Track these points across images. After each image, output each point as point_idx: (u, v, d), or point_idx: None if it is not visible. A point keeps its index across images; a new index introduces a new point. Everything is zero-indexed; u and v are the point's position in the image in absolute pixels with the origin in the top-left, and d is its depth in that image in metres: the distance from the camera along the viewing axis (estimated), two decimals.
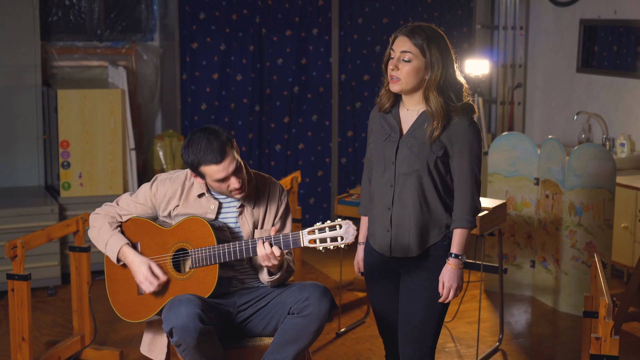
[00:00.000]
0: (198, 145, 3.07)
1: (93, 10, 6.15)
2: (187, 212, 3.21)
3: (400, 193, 2.97)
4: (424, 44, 2.89)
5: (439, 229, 2.98)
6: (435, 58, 2.90)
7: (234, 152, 3.09)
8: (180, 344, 2.95)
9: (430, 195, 2.95)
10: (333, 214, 6.62)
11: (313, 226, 2.98)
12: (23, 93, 5.76)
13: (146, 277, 3.13)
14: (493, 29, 7.06)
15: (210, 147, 3.05)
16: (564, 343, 4.64)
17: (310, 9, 6.38)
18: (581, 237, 4.95)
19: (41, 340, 4.52)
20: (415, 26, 2.93)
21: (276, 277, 3.14)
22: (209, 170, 3.07)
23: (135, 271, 3.16)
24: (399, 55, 2.92)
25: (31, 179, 5.86)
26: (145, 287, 3.14)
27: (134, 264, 3.16)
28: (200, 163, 3.07)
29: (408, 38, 2.90)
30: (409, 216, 2.96)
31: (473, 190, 2.96)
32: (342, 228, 2.95)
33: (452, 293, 2.96)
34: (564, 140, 6.32)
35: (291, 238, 3.00)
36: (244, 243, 3.07)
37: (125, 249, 3.19)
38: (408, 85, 2.94)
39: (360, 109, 6.64)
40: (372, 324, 4.80)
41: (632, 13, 5.94)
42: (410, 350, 3.05)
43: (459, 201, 2.97)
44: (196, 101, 6.18)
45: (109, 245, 3.21)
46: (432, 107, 2.91)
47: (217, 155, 3.05)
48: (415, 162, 2.93)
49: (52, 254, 5.26)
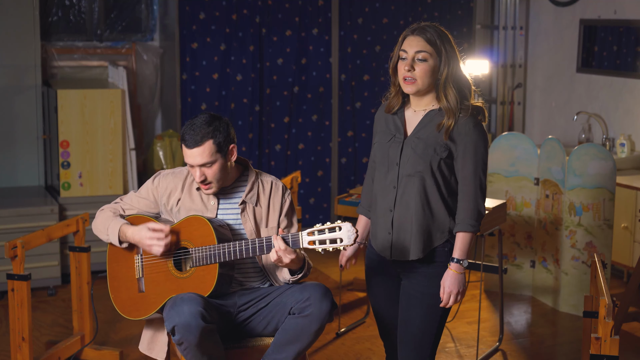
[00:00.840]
0: (191, 123, 3.12)
1: (93, 10, 6.15)
2: (189, 207, 3.21)
3: (402, 195, 2.94)
4: (437, 41, 2.87)
5: (442, 233, 2.95)
6: (449, 54, 2.88)
7: (211, 149, 3.08)
8: (182, 342, 2.95)
9: (433, 197, 2.92)
10: (333, 214, 6.62)
11: (313, 227, 2.98)
12: (23, 93, 5.76)
13: (151, 237, 3.09)
14: (493, 29, 7.06)
15: (194, 131, 3.09)
16: (564, 343, 4.64)
17: (310, 9, 6.38)
18: (581, 237, 4.95)
19: (41, 340, 4.52)
20: (424, 25, 2.90)
21: (300, 276, 3.14)
22: (183, 148, 3.13)
23: (139, 240, 3.13)
24: (413, 55, 2.87)
25: (31, 179, 5.86)
26: (156, 250, 3.10)
27: (134, 234, 3.14)
28: (182, 139, 3.13)
29: (421, 37, 2.87)
30: (411, 218, 2.93)
31: (477, 194, 2.91)
32: (341, 230, 2.94)
33: (452, 298, 2.92)
34: (564, 140, 6.33)
35: (291, 239, 3.00)
36: (244, 243, 3.07)
37: (124, 227, 3.19)
38: (424, 86, 2.90)
39: (360, 109, 6.64)
40: (372, 324, 4.80)
41: (632, 13, 5.94)
42: (410, 356, 3.03)
43: (463, 204, 2.92)
44: (196, 101, 6.18)
45: (110, 229, 3.21)
46: (450, 103, 2.88)
47: (192, 142, 3.08)
48: (418, 163, 2.90)
49: (52, 254, 5.26)
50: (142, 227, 3.14)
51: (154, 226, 3.12)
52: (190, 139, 3.09)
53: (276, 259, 3.00)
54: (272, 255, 3.01)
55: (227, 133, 3.14)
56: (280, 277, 3.22)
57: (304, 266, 3.14)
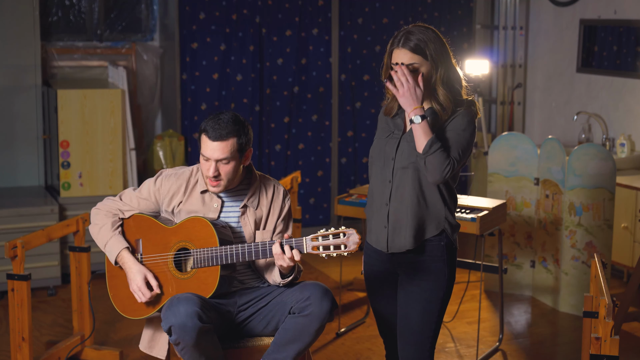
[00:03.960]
0: (218, 117, 3.10)
1: (93, 10, 6.15)
2: (190, 209, 3.21)
3: (397, 187, 2.97)
4: (422, 47, 2.89)
5: (437, 223, 2.97)
6: (436, 56, 2.90)
7: (233, 146, 3.09)
8: (178, 342, 2.96)
9: (428, 188, 2.95)
10: (333, 214, 6.62)
11: (317, 233, 2.98)
12: (23, 93, 5.77)
13: (140, 287, 3.14)
14: (493, 29, 7.06)
15: (220, 125, 3.07)
16: (564, 343, 4.64)
17: (310, 9, 6.38)
18: (581, 237, 4.95)
19: (41, 340, 4.52)
20: (406, 33, 2.91)
21: (289, 279, 3.14)
22: (203, 141, 3.11)
23: (131, 279, 3.17)
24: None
25: (31, 179, 5.86)
26: (137, 297, 3.16)
27: (131, 271, 3.17)
28: (204, 130, 3.10)
29: (406, 49, 2.89)
30: (406, 210, 2.95)
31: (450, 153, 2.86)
32: (345, 236, 2.95)
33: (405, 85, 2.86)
34: (564, 140, 6.33)
35: (294, 244, 3.00)
36: (247, 247, 3.06)
37: (124, 254, 3.19)
38: (421, 93, 2.92)
39: (360, 109, 6.64)
40: (372, 324, 4.80)
41: (632, 13, 5.94)
42: (410, 352, 3.04)
43: None
44: (196, 101, 6.18)
45: (109, 247, 3.21)
46: (442, 102, 2.92)
47: (217, 135, 3.07)
48: (412, 154, 2.93)
49: (52, 254, 5.26)
50: (140, 273, 3.16)
51: (151, 281, 3.15)
52: (214, 132, 3.07)
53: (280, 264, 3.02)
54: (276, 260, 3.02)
55: (249, 136, 3.16)
56: (270, 279, 3.23)
57: (294, 269, 3.15)
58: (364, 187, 4.73)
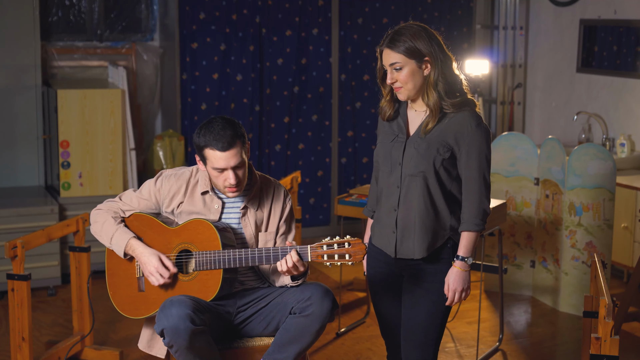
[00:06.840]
0: (212, 128, 3.06)
1: (93, 10, 6.15)
2: (190, 210, 3.20)
3: (406, 194, 2.96)
4: (406, 47, 2.88)
5: (444, 231, 2.97)
6: (425, 52, 2.89)
7: (242, 148, 3.09)
8: (172, 345, 2.95)
9: (437, 197, 2.94)
10: (333, 214, 6.62)
11: (321, 241, 2.99)
12: (23, 93, 5.77)
13: (157, 268, 3.09)
14: (493, 29, 7.06)
15: (221, 134, 3.05)
16: (564, 343, 4.64)
17: (310, 9, 6.38)
18: (581, 237, 4.95)
19: (41, 340, 4.52)
20: (394, 33, 2.92)
21: (300, 281, 3.15)
22: (212, 155, 3.07)
23: (145, 262, 3.12)
24: (389, 67, 2.93)
25: (31, 179, 5.86)
26: (154, 279, 3.10)
27: (144, 255, 3.13)
28: (207, 145, 3.06)
29: (390, 49, 2.90)
30: (415, 218, 2.94)
31: (482, 193, 2.93)
32: (350, 245, 2.95)
33: (457, 296, 2.95)
34: (564, 140, 6.32)
35: (298, 252, 3.01)
36: (251, 252, 3.05)
37: (133, 242, 3.16)
38: (412, 89, 2.92)
39: (361, 109, 6.64)
40: (372, 324, 4.81)
41: (632, 13, 5.94)
42: (414, 353, 3.04)
43: (467, 204, 2.94)
44: (196, 101, 6.18)
45: (115, 239, 3.19)
46: (430, 103, 2.91)
47: (225, 144, 3.04)
48: (421, 163, 2.92)
49: (52, 254, 5.26)
50: (154, 255, 3.12)
51: (166, 262, 3.11)
52: (220, 143, 3.04)
53: (286, 270, 3.01)
54: (281, 267, 3.01)
55: (244, 131, 3.15)
56: (277, 282, 3.22)
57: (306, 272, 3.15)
58: (364, 187, 4.73)
